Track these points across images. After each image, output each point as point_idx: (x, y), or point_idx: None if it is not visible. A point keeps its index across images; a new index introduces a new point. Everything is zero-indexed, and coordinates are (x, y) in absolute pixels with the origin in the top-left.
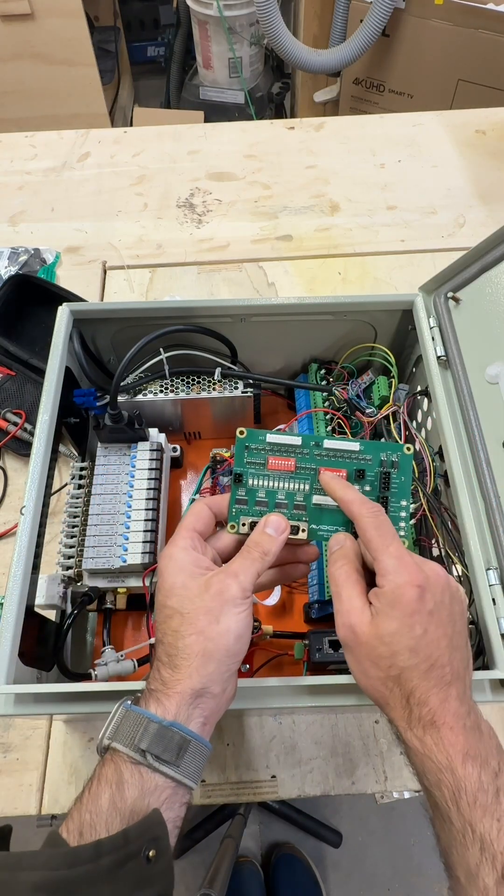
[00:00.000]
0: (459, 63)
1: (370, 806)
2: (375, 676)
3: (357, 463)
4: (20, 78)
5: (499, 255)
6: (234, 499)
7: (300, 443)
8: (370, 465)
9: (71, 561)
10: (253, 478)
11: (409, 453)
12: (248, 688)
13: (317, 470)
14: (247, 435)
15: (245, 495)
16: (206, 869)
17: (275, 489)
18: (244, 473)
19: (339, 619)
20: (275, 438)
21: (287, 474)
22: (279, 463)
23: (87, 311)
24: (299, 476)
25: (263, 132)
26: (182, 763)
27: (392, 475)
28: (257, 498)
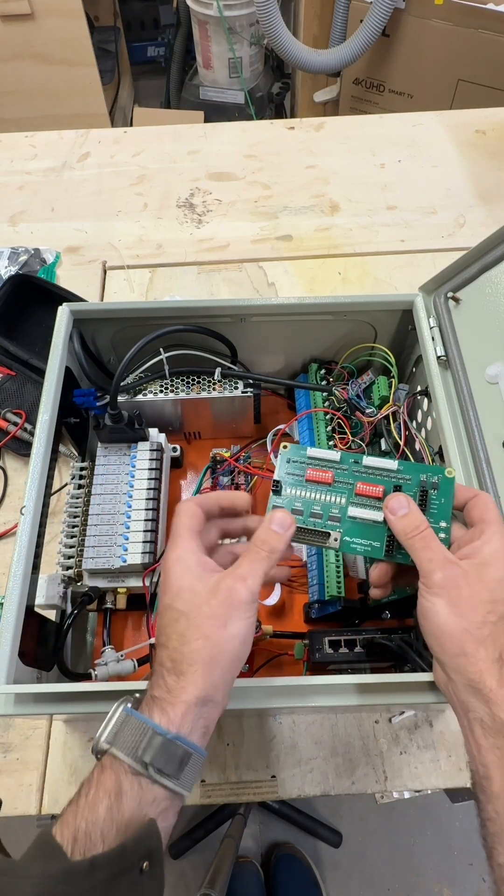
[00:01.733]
0: (459, 63)
1: (370, 806)
2: (471, 619)
3: (395, 481)
4: (20, 78)
5: (499, 255)
6: (272, 507)
7: (339, 458)
8: (408, 485)
9: (71, 561)
10: (291, 487)
11: (450, 476)
12: (248, 688)
13: (354, 485)
14: (290, 449)
15: (282, 503)
16: (206, 869)
17: (311, 500)
18: (282, 482)
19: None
20: (315, 453)
21: (324, 486)
22: (318, 475)
23: (87, 311)
24: (336, 489)
25: (263, 132)
26: (182, 776)
27: (431, 496)
28: (294, 507)
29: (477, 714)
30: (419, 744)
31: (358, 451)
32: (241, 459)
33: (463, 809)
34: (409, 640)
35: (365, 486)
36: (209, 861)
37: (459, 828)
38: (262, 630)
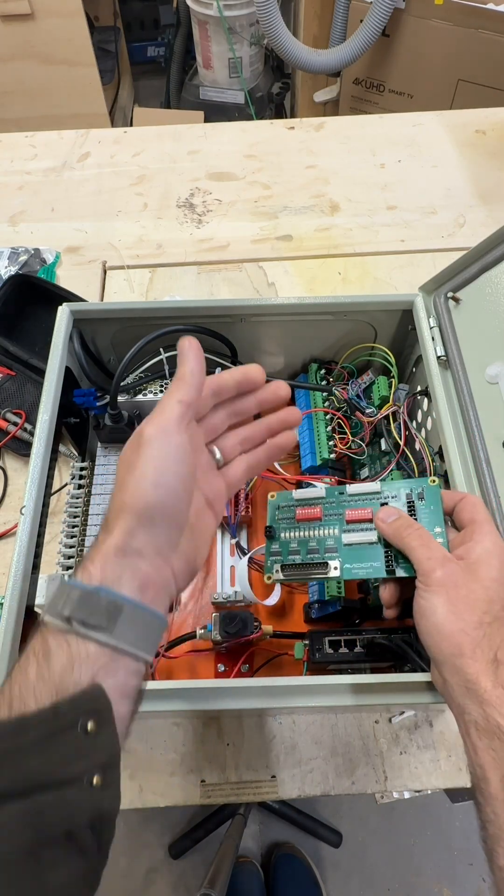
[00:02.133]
0: (459, 63)
1: (370, 806)
2: (468, 620)
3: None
4: (20, 78)
5: (499, 255)
6: (269, 552)
7: (324, 493)
8: (395, 501)
9: (71, 561)
10: (284, 531)
11: (434, 485)
12: (248, 688)
13: (343, 513)
14: (277, 497)
15: (279, 548)
16: (206, 869)
17: (306, 538)
18: (276, 528)
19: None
20: (301, 494)
21: (316, 522)
22: (307, 512)
23: (87, 311)
24: (327, 522)
25: (263, 132)
26: (116, 629)
27: (419, 505)
28: (290, 548)
29: (472, 716)
30: (419, 744)
31: (358, 452)
32: None
33: (463, 809)
34: (409, 640)
35: (354, 511)
36: (209, 861)
37: (459, 828)
38: (262, 630)
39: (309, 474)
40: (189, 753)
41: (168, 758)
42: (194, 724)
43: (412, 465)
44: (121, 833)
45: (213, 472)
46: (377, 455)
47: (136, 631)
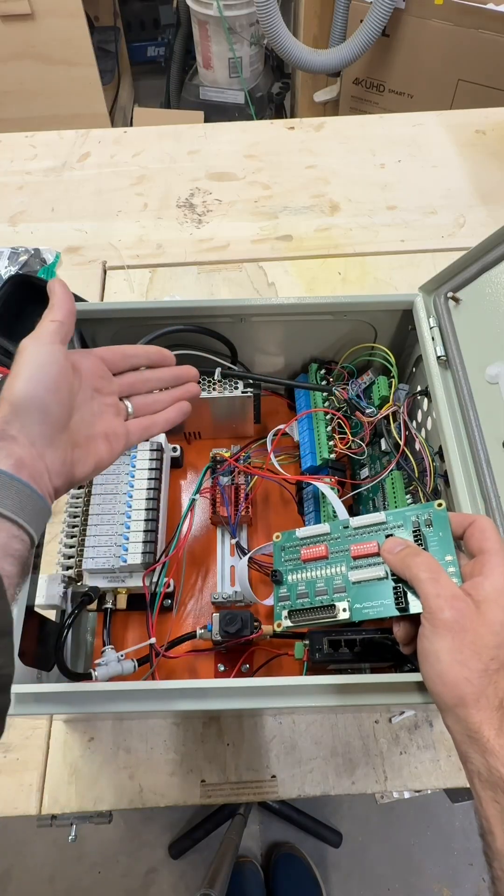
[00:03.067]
0: (459, 63)
1: (370, 806)
2: (473, 668)
3: (387, 531)
4: (20, 78)
5: (499, 255)
6: (277, 597)
7: (329, 530)
8: (401, 531)
9: (71, 561)
10: (291, 573)
11: (440, 509)
12: (249, 688)
13: (349, 549)
14: (282, 538)
15: (286, 592)
16: (206, 869)
17: (313, 579)
18: (283, 571)
19: (442, 603)
20: (305, 532)
21: (322, 562)
22: (312, 552)
23: (87, 311)
24: (333, 560)
25: (263, 132)
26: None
27: (427, 533)
28: (298, 591)
29: (475, 765)
30: (419, 744)
31: (358, 452)
32: (241, 459)
33: (463, 809)
34: None
35: (358, 546)
36: (209, 861)
37: (459, 828)
38: (262, 630)
39: (309, 474)
40: (189, 753)
41: (168, 758)
42: (194, 724)
43: (412, 465)
44: (121, 833)
45: (117, 415)
46: (377, 455)
47: (13, 500)
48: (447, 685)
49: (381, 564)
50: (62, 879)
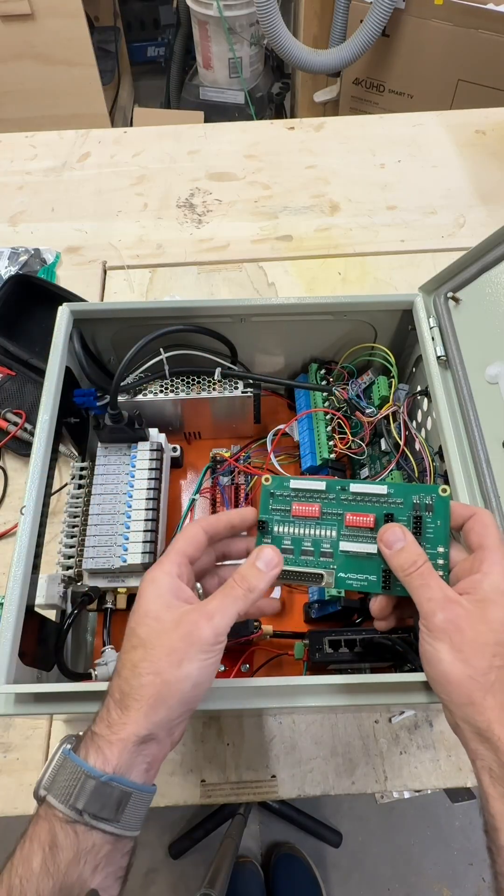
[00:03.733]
0: (459, 63)
1: (370, 806)
2: (476, 666)
3: (386, 507)
4: (20, 78)
5: (499, 255)
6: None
7: (325, 487)
8: (401, 509)
9: (71, 561)
10: (278, 525)
11: (444, 495)
12: (248, 688)
13: (343, 515)
14: (272, 482)
15: (270, 542)
16: (206, 869)
17: (300, 536)
18: (269, 521)
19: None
20: (299, 484)
21: (312, 520)
22: (304, 509)
23: (87, 311)
24: (325, 522)
25: (263, 132)
26: (122, 817)
27: (426, 519)
28: (283, 546)
29: (485, 762)
30: (419, 744)
31: (358, 452)
32: (241, 459)
33: (463, 809)
34: (409, 640)
35: (354, 516)
36: (209, 861)
37: (459, 828)
38: (262, 630)
39: (309, 474)
40: (189, 753)
41: (168, 758)
42: (194, 724)
43: (412, 465)
44: None
45: None
46: (377, 455)
47: (137, 814)
48: (453, 684)
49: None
50: None
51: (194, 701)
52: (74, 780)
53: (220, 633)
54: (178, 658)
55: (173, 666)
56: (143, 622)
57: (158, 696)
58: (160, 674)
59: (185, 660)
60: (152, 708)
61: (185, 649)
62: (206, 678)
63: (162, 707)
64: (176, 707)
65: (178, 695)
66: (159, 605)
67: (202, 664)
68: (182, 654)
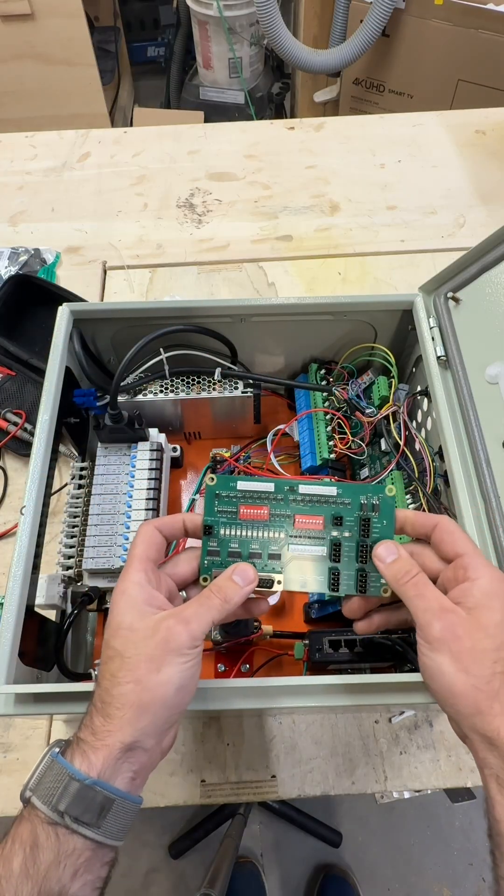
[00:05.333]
0: (459, 63)
1: (370, 806)
2: (478, 675)
3: (335, 508)
4: (20, 78)
5: (499, 255)
6: (206, 550)
7: (273, 489)
8: (349, 510)
9: (71, 561)
10: (224, 527)
11: (391, 495)
12: (248, 688)
13: (292, 517)
14: (217, 482)
15: (217, 546)
16: (206, 869)
17: (248, 538)
18: (215, 524)
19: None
20: (246, 486)
21: (261, 523)
22: (252, 511)
23: (87, 311)
24: (274, 524)
25: (263, 132)
26: (104, 824)
27: (373, 520)
28: (230, 549)
29: (493, 770)
30: (419, 744)
31: (358, 452)
32: (241, 459)
33: (463, 809)
34: (410, 640)
35: (304, 518)
36: (209, 861)
37: (459, 828)
38: (262, 630)
39: (309, 474)
40: (189, 753)
41: (168, 758)
42: (194, 724)
43: (412, 465)
44: None
45: None
46: (377, 455)
47: (119, 823)
48: (458, 696)
49: (324, 544)
50: None
51: (179, 705)
52: (58, 782)
53: (197, 638)
54: (156, 664)
55: (153, 672)
56: (117, 634)
57: (141, 704)
58: (140, 681)
59: (164, 665)
60: (136, 715)
61: (162, 655)
62: (188, 681)
63: (146, 714)
64: (161, 713)
65: (160, 700)
66: (133, 616)
67: (182, 668)
68: (160, 661)
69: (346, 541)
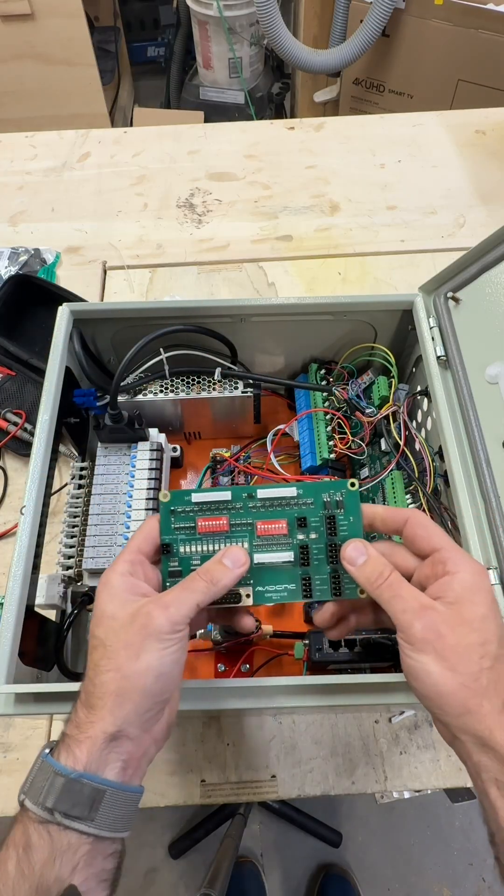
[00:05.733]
0: (459, 63)
1: (370, 806)
2: (465, 672)
3: (297, 510)
4: (20, 78)
5: (499, 255)
6: (167, 571)
7: (230, 497)
8: (312, 510)
9: (71, 561)
10: (184, 545)
11: (353, 489)
12: (248, 688)
13: (254, 524)
14: (171, 498)
15: (178, 566)
16: (206, 869)
17: (210, 553)
18: (174, 542)
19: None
20: (201, 497)
21: (221, 535)
22: (210, 524)
23: (87, 311)
24: (235, 534)
25: (263, 132)
26: (98, 816)
27: (338, 518)
28: (192, 566)
29: (490, 773)
30: (419, 744)
31: (358, 452)
32: (241, 459)
33: (463, 809)
34: None
35: (265, 524)
36: (209, 861)
37: (459, 828)
38: (262, 630)
39: (309, 474)
40: (189, 753)
41: (168, 758)
42: (194, 724)
43: (412, 465)
44: None
45: None
46: (377, 455)
47: (115, 814)
48: (445, 696)
49: (290, 549)
50: None
51: (161, 693)
52: (45, 779)
53: (177, 623)
54: (135, 651)
55: (131, 659)
56: (100, 623)
57: (120, 692)
58: (119, 669)
59: (142, 651)
60: (116, 704)
61: (140, 641)
62: (168, 668)
63: (126, 702)
64: (141, 701)
65: (140, 688)
66: (115, 605)
67: (161, 654)
68: (139, 647)
69: (314, 543)
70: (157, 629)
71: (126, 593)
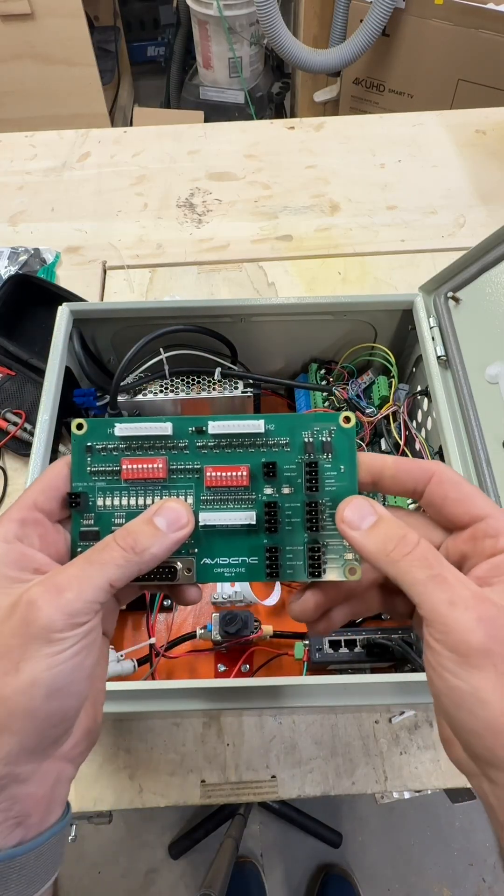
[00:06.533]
0: (459, 63)
1: (370, 806)
2: None
3: (266, 452)
4: (20, 78)
5: (499, 255)
6: (77, 532)
7: (171, 431)
8: (286, 454)
9: None
10: (102, 495)
11: (348, 426)
12: (248, 688)
13: (202, 470)
14: (87, 430)
15: (94, 524)
16: (206, 869)
17: (139, 509)
18: (89, 491)
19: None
20: (129, 430)
21: (155, 483)
22: (140, 468)
23: (87, 311)
24: (175, 484)
25: (263, 132)
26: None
27: (323, 465)
28: (113, 526)
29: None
30: (419, 744)
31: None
32: None
33: (463, 809)
34: (410, 640)
35: (218, 470)
36: (209, 861)
37: (459, 828)
38: (262, 630)
39: None
40: (189, 753)
41: (168, 758)
42: (194, 724)
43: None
44: (121, 833)
45: None
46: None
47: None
48: (500, 734)
49: (251, 508)
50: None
51: (58, 713)
52: None
53: (76, 613)
54: (13, 660)
55: (8, 673)
56: None
57: None
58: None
59: (22, 661)
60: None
61: (21, 645)
62: (66, 679)
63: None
64: (29, 731)
65: (24, 711)
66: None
67: (51, 661)
68: (18, 654)
69: (287, 500)
70: (45, 625)
71: (8, 568)
